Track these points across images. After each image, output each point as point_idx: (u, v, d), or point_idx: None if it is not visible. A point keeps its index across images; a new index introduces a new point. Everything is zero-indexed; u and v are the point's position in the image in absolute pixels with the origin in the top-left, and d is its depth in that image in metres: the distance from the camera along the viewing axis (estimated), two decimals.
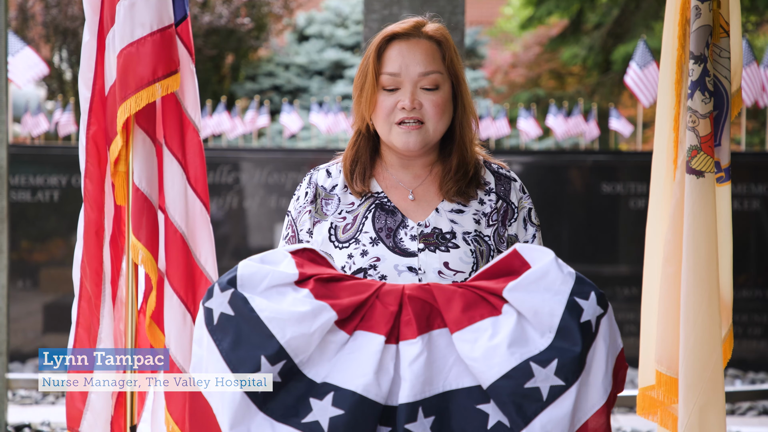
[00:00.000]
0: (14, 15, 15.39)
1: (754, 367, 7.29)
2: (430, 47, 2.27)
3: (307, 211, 2.32)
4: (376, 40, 2.28)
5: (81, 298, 2.85)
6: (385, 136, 2.28)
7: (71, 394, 2.86)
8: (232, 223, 7.49)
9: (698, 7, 2.40)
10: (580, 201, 7.58)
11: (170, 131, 2.80)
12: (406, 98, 2.23)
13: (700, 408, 2.38)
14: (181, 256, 2.79)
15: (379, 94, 2.26)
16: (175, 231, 2.78)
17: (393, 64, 2.25)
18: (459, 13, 5.32)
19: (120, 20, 2.73)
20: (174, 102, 2.81)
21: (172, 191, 2.79)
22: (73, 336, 2.86)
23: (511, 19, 19.16)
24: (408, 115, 2.23)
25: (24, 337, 7.28)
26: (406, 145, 2.25)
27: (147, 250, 2.76)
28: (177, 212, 2.78)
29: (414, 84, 2.24)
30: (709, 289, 2.39)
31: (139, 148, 2.80)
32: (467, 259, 2.22)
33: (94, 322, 2.84)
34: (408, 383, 1.99)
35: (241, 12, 16.26)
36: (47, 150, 8.50)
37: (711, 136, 2.40)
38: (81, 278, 2.85)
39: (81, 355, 2.80)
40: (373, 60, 2.25)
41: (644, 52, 10.40)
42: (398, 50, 2.25)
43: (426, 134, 2.25)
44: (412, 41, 2.26)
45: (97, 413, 2.84)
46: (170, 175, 2.79)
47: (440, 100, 2.25)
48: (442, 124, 2.27)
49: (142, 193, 2.77)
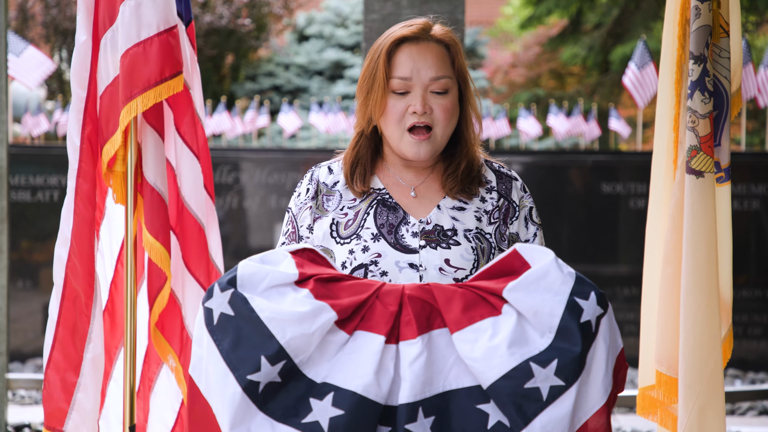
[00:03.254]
0: (14, 15, 15.39)
1: (754, 367, 7.29)
2: (439, 51, 2.27)
3: (308, 207, 2.33)
4: (385, 43, 2.27)
5: (64, 297, 2.81)
6: (396, 142, 2.28)
7: (50, 393, 2.80)
8: (232, 223, 7.49)
9: (698, 7, 2.40)
10: (580, 201, 7.58)
11: (186, 127, 2.84)
12: (418, 102, 2.23)
13: (699, 408, 2.38)
14: (201, 246, 2.85)
15: (389, 98, 2.26)
16: (195, 222, 2.84)
17: (404, 69, 2.24)
18: (459, 13, 5.32)
19: (125, 20, 2.73)
20: (188, 99, 2.84)
21: (188, 184, 2.84)
22: (53, 335, 2.81)
23: (511, 19, 19.18)
24: (419, 119, 2.24)
25: (24, 337, 7.28)
26: (416, 155, 2.26)
27: (162, 246, 2.76)
28: (195, 204, 2.84)
29: (425, 88, 2.24)
30: (709, 289, 2.39)
31: (150, 147, 2.81)
32: (468, 256, 2.23)
33: (82, 322, 2.81)
34: (408, 383, 1.99)
35: (242, 12, 16.26)
36: (47, 150, 8.50)
37: (711, 136, 2.40)
38: (66, 277, 2.82)
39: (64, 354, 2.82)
40: (383, 63, 2.25)
41: (643, 53, 10.42)
42: (409, 54, 2.25)
43: (435, 142, 2.26)
44: (422, 45, 2.26)
45: (85, 413, 2.81)
46: (188, 169, 2.83)
47: (449, 104, 2.26)
48: (449, 128, 2.28)
49: (157, 192, 2.78)
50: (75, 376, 2.80)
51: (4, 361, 4.82)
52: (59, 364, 2.81)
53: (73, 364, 2.80)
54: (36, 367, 7.14)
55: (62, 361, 2.81)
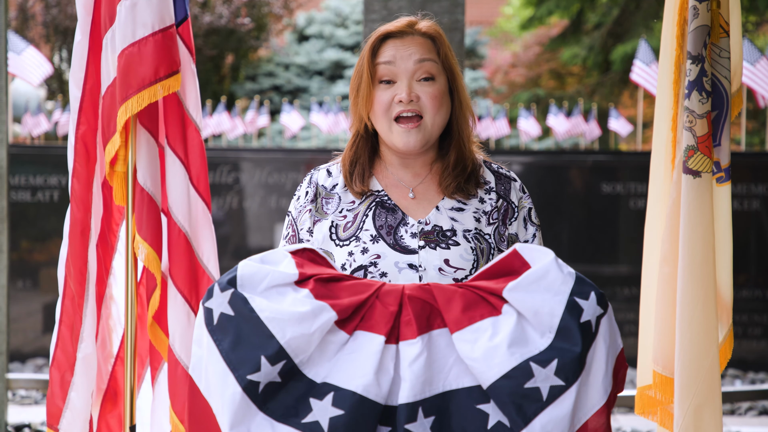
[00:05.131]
0: (14, 15, 15.39)
1: (754, 367, 7.29)
2: (424, 42, 2.29)
3: (308, 210, 2.33)
4: (370, 39, 2.30)
5: (65, 297, 2.86)
6: (385, 134, 2.28)
7: (52, 392, 2.84)
8: (232, 223, 7.50)
9: (696, 7, 2.40)
10: (580, 201, 7.58)
11: (172, 131, 2.80)
12: (403, 91, 2.25)
13: (695, 408, 2.38)
14: (185, 255, 2.79)
15: (376, 89, 2.27)
16: (179, 231, 2.79)
17: (387, 55, 2.27)
18: (459, 13, 5.32)
19: (121, 20, 2.73)
20: (176, 102, 2.81)
21: (175, 191, 2.79)
22: (56, 334, 2.87)
23: (511, 19, 19.17)
24: (406, 107, 2.25)
25: (24, 337, 7.28)
26: (406, 144, 2.26)
27: (152, 249, 2.76)
28: (180, 212, 2.79)
29: (410, 76, 2.26)
30: (705, 289, 2.39)
31: (143, 147, 2.80)
32: (467, 256, 2.23)
33: (77, 321, 2.84)
34: (408, 383, 1.99)
35: (242, 12, 16.26)
36: (47, 150, 8.50)
37: (708, 136, 2.40)
38: (65, 277, 2.85)
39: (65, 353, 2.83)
40: (368, 58, 2.28)
41: (647, 50, 10.41)
42: (393, 45, 2.28)
43: (425, 130, 2.26)
44: (407, 38, 2.29)
45: (76, 412, 2.83)
46: (173, 174, 2.79)
47: (437, 91, 2.26)
48: (440, 117, 2.28)
49: (147, 193, 2.77)
50: (71, 375, 2.83)
51: (4, 361, 4.82)
52: (60, 362, 2.85)
53: (70, 363, 2.84)
54: (36, 367, 7.14)
55: (62, 360, 2.85)
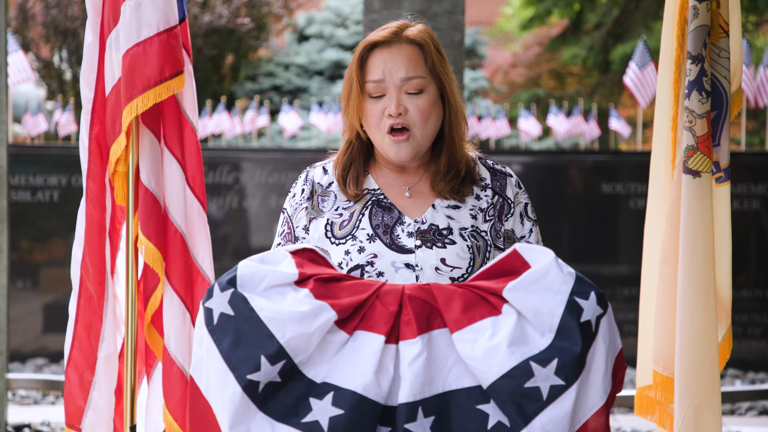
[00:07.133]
0: (14, 15, 15.39)
1: (754, 367, 7.29)
2: (411, 52, 2.27)
3: (303, 208, 2.33)
4: (357, 49, 2.29)
5: (80, 297, 2.86)
6: (379, 145, 2.30)
7: (70, 391, 2.86)
8: (232, 223, 7.50)
9: (696, 7, 2.40)
10: (580, 201, 7.58)
11: (170, 131, 2.81)
12: (392, 104, 2.25)
13: (695, 408, 2.38)
14: (181, 255, 2.80)
15: (366, 102, 2.28)
16: (175, 231, 2.80)
17: (376, 72, 2.26)
18: (459, 13, 5.33)
19: (126, 20, 2.73)
20: (174, 102, 2.82)
21: (172, 191, 2.80)
22: (72, 334, 2.87)
23: (511, 19, 19.18)
24: (395, 120, 2.25)
25: (24, 337, 7.28)
26: (397, 156, 2.27)
27: (156, 249, 2.77)
28: (176, 212, 2.80)
29: (398, 89, 2.26)
30: (705, 289, 2.39)
31: (146, 148, 2.81)
32: (464, 255, 2.23)
33: (96, 321, 2.85)
34: (408, 383, 1.99)
35: (241, 12, 16.26)
36: (47, 150, 8.50)
37: (708, 136, 2.40)
38: (81, 277, 2.85)
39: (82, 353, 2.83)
40: (356, 69, 2.27)
41: (643, 53, 10.43)
42: (380, 58, 2.27)
43: (415, 142, 2.26)
44: (394, 48, 2.27)
45: (99, 411, 2.84)
46: (170, 174, 2.80)
47: (425, 104, 2.26)
48: (429, 128, 2.28)
49: (151, 193, 2.78)
50: (91, 375, 2.84)
51: (4, 361, 4.82)
52: (78, 362, 2.85)
53: (89, 362, 2.84)
54: (36, 367, 7.14)
55: (80, 360, 2.85)
